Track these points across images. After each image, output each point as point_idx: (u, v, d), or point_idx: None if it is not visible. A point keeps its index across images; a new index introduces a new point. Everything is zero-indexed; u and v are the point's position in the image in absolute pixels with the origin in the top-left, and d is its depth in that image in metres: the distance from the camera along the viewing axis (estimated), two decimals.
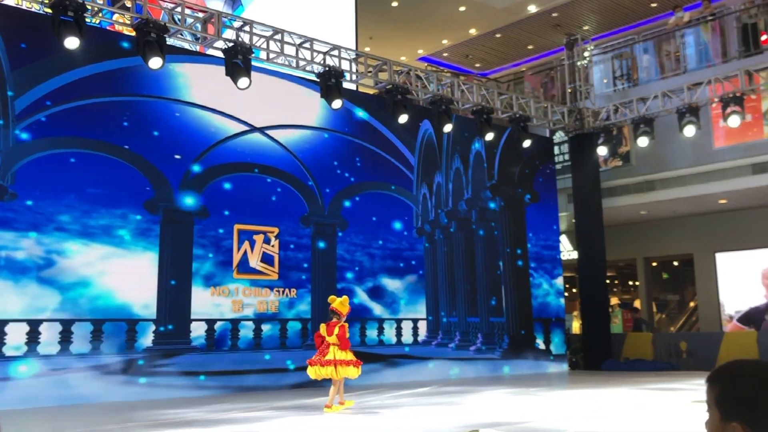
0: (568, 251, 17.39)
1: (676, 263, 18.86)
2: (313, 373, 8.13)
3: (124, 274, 9.88)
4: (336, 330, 8.07)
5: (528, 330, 14.34)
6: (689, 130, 13.18)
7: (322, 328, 8.24)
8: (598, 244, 15.00)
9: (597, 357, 14.30)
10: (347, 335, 8.21)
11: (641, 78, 16.44)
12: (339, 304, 8.34)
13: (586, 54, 16.19)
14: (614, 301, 18.87)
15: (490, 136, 13.43)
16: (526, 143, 14.06)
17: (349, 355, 8.20)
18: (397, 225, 12.97)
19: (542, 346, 14.46)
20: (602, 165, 15.52)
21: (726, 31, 15.67)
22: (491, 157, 14.56)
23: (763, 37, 14.92)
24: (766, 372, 1.64)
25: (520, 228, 14.73)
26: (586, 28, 18.58)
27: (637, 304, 17.92)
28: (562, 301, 15.13)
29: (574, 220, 15.53)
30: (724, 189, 14.32)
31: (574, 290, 16.76)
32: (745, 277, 16.04)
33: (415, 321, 12.87)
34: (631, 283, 19.53)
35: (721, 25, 15.69)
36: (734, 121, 12.69)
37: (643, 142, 13.85)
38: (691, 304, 18.04)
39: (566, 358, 14.81)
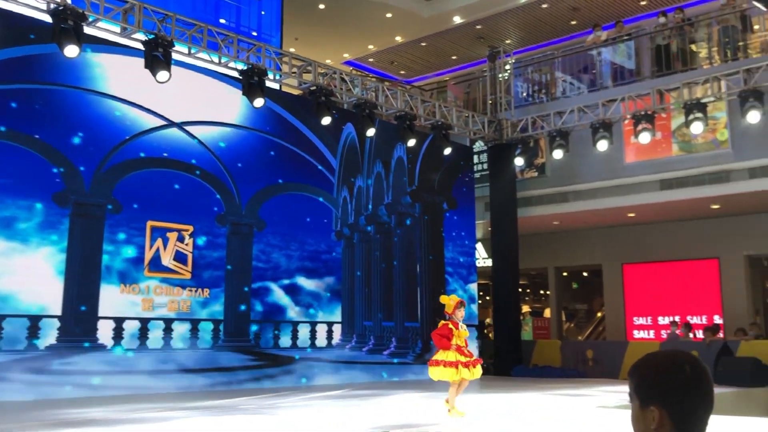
0: (483, 258, 17.73)
1: (585, 273, 19.50)
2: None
3: (27, 267, 9.50)
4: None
5: None
6: (602, 145, 13.61)
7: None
8: (512, 252, 15.35)
9: (508, 363, 14.61)
10: (448, 335, 7.92)
11: (558, 92, 16.93)
12: (447, 302, 8.28)
13: (507, 67, 16.56)
14: (525, 309, 19.35)
15: (412, 143, 13.56)
16: (447, 151, 14.26)
17: (446, 356, 7.91)
18: (316, 227, 12.92)
19: None
20: (519, 175, 15.88)
21: (640, 51, 16.31)
22: (412, 163, 14.71)
23: (675, 60, 15.59)
24: (674, 359, 1.80)
25: (438, 234, 14.93)
26: (508, 41, 19.00)
27: (546, 313, 18.41)
28: (475, 307, 15.40)
29: (490, 228, 15.84)
30: (633, 203, 14.87)
31: (488, 297, 17.07)
32: (650, 289, 16.72)
33: (330, 324, 12.85)
34: (542, 291, 20.05)
35: (636, 45, 16.32)
36: (645, 137, 13.17)
37: (558, 154, 14.24)
38: (599, 314, 18.67)
39: None
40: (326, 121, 12.03)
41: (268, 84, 11.82)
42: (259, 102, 11.17)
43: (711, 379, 1.80)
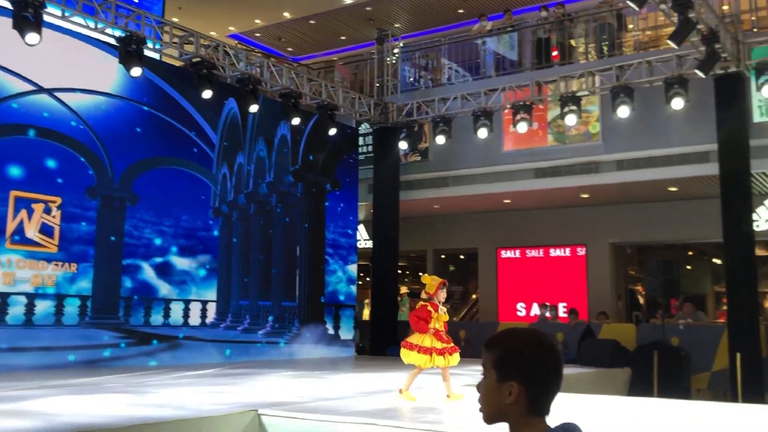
0: (364, 240, 17.87)
1: (462, 256, 20.03)
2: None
3: None
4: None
5: (319, 315, 14.57)
6: (482, 133, 13.93)
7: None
8: (392, 234, 15.55)
9: (383, 343, 14.83)
10: (426, 318, 7.46)
11: (444, 79, 17.22)
12: (428, 282, 7.78)
13: (395, 51, 16.67)
14: (404, 290, 19.67)
15: (296, 121, 13.43)
16: (332, 131, 14.22)
17: (422, 340, 7.50)
18: (193, 204, 12.60)
19: (331, 331, 14.77)
20: (402, 159, 16.07)
21: (523, 43, 16.80)
22: (296, 143, 14.58)
23: (554, 53, 16.16)
24: (536, 336, 1.88)
25: (320, 215, 14.91)
26: (397, 25, 19.12)
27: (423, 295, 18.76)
28: (354, 288, 15.54)
29: (372, 210, 15.98)
30: (509, 189, 15.36)
31: (368, 278, 17.24)
32: (523, 273, 17.39)
33: (204, 303, 12.60)
34: (421, 273, 20.41)
35: (519, 37, 16.79)
36: (522, 127, 13.57)
37: (440, 140, 14.48)
38: (474, 295, 19.24)
39: (354, 343, 15.26)
40: (207, 94, 11.73)
41: (148, 53, 11.39)
42: (136, 71, 10.76)
43: (563, 360, 1.90)
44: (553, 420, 1.85)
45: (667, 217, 15.56)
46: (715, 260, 16.67)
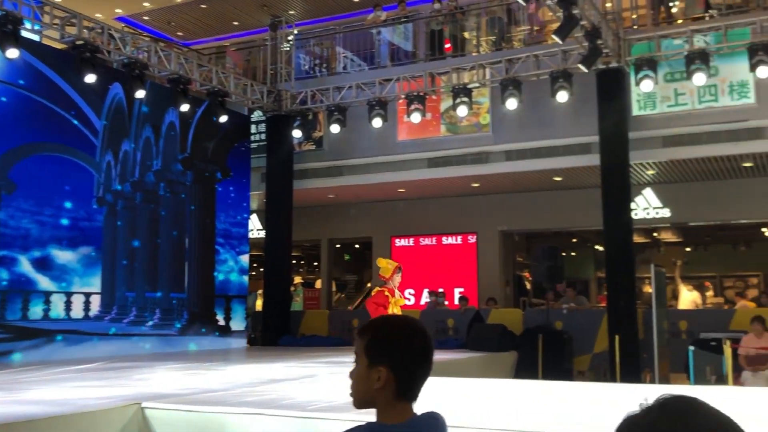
0: (257, 230, 17.66)
1: (357, 246, 20.12)
2: None
3: None
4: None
5: (209, 306, 14.29)
6: (377, 122, 14.01)
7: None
8: (286, 224, 15.42)
9: (275, 333, 14.72)
10: (384, 303, 7.15)
11: (340, 68, 17.17)
12: (384, 266, 7.39)
13: (289, 38, 16.48)
14: (297, 280, 19.60)
15: (185, 108, 13.11)
16: (223, 118, 13.95)
17: None
18: (75, 193, 12.06)
19: (222, 322, 14.52)
20: (296, 147, 15.94)
21: (417, 34, 16.96)
22: (185, 130, 14.19)
23: (447, 45, 16.40)
24: (407, 322, 1.92)
25: (210, 204, 14.59)
26: (291, 12, 18.90)
27: (318, 284, 18.78)
28: (246, 278, 15.32)
29: (265, 200, 15.78)
30: (403, 179, 15.52)
31: (261, 269, 17.05)
32: (416, 261, 17.60)
33: (87, 295, 12.10)
34: (316, 263, 20.39)
35: (414, 28, 16.94)
36: (416, 117, 13.74)
37: (335, 129, 14.47)
38: (368, 284, 19.36)
39: (245, 334, 15.06)
40: (90, 79, 11.28)
41: (27, 35, 10.82)
42: (12, 53, 10.22)
43: (433, 348, 1.91)
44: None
45: (552, 206, 16.12)
46: (597, 247, 17.40)
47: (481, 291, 16.47)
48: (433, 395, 7.35)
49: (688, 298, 15.45)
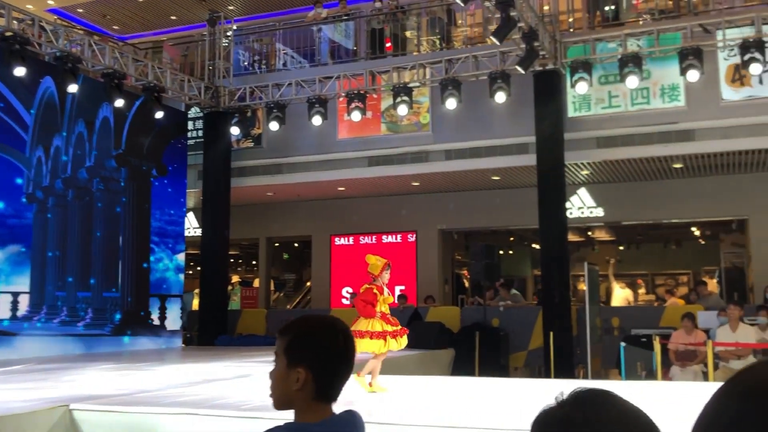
0: (194, 228, 17.38)
1: (296, 244, 20.00)
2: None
3: None
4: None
5: (143, 306, 13.99)
6: (317, 120, 13.93)
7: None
8: (223, 222, 15.21)
9: (212, 333, 14.52)
10: (373, 301, 6.93)
11: (280, 65, 17.03)
12: (373, 263, 7.19)
13: (228, 33, 16.26)
14: (235, 279, 19.37)
15: (119, 103, 12.82)
16: (159, 115, 13.69)
17: (371, 325, 6.93)
18: (3, 189, 11.64)
19: (157, 322, 14.24)
20: (234, 145, 15.75)
21: (358, 32, 16.95)
22: (120, 125, 13.86)
23: (388, 44, 16.43)
24: (327, 322, 1.91)
25: (145, 201, 14.29)
26: (230, 7, 18.67)
27: (256, 283, 18.60)
28: (182, 277, 15.07)
29: (202, 198, 15.55)
30: (343, 177, 15.48)
31: (198, 268, 16.80)
32: (356, 259, 17.58)
33: (15, 294, 11.70)
34: (254, 262, 20.20)
35: (356, 26, 16.92)
36: (356, 116, 13.72)
37: (274, 126, 14.34)
38: (308, 283, 19.28)
39: (181, 334, 14.82)
40: (19, 72, 10.95)
41: None
42: None
43: (355, 347, 1.91)
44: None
45: (491, 205, 16.31)
46: (534, 245, 17.68)
47: (420, 289, 16.57)
48: (374, 393, 7.34)
49: (620, 295, 15.85)
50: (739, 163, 13.98)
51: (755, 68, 11.31)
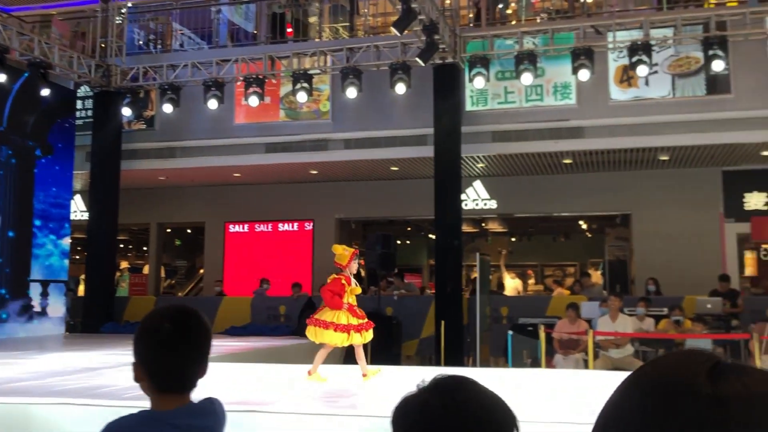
0: (81, 211, 16.67)
1: (189, 230, 19.53)
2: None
3: None
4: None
5: (24, 291, 13.31)
6: (213, 104, 13.60)
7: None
8: (112, 206, 14.62)
9: (97, 320, 13.99)
10: (341, 292, 6.71)
11: (176, 45, 16.53)
12: (340, 253, 6.92)
13: (122, 10, 15.63)
14: (124, 264, 18.76)
15: (1, 78, 12.12)
16: (45, 92, 13.04)
17: (336, 317, 6.71)
18: None
19: (38, 309, 13.59)
20: (125, 126, 15.18)
21: (259, 15, 16.65)
22: (1, 102, 13.10)
23: (289, 29, 16.22)
24: (154, 315, 1.89)
25: (28, 182, 13.58)
26: None
27: (146, 269, 18.05)
28: (67, 262, 14.43)
29: (89, 180, 14.92)
30: (240, 163, 15.21)
31: (86, 252, 16.13)
32: (250, 247, 17.35)
33: None
34: (145, 248, 19.61)
35: (257, 9, 16.60)
36: (254, 101, 13.47)
37: (168, 108, 13.91)
38: (201, 271, 18.87)
39: (64, 321, 14.20)
40: None
41: None
42: None
43: (201, 332, 1.85)
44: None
45: (389, 195, 16.42)
46: (431, 236, 17.91)
47: (316, 278, 16.49)
48: (261, 381, 7.28)
49: (511, 285, 16.31)
50: (625, 160, 14.61)
51: (642, 70, 11.80)
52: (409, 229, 19.59)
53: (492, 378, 7.30)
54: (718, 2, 14.12)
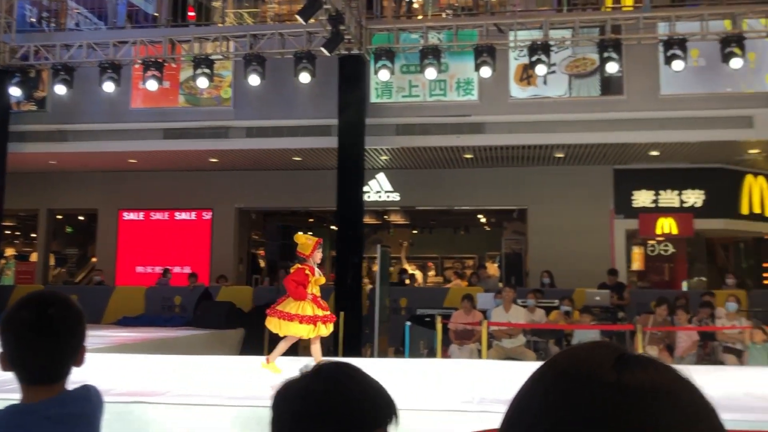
0: None
1: (81, 218, 18.76)
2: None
3: None
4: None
5: None
6: (108, 86, 13.11)
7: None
8: None
9: None
10: (305, 282, 6.44)
11: (72, 24, 15.83)
12: (303, 242, 6.60)
13: None
14: (10, 252, 17.85)
15: None
16: None
17: (301, 308, 6.39)
18: None
19: None
20: (14, 107, 14.41)
21: None
22: None
23: (191, 13, 15.80)
24: (17, 305, 1.76)
25: None
26: None
27: (33, 257, 17.25)
28: None
29: None
30: (135, 149, 14.72)
31: None
32: (147, 236, 16.83)
33: None
34: (33, 235, 18.71)
35: None
36: (152, 85, 13.06)
37: (61, 90, 13.30)
38: (93, 259, 18.16)
39: None
40: None
41: None
42: None
43: (69, 320, 1.75)
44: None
45: (291, 185, 16.24)
46: (333, 227, 17.87)
47: (213, 268, 16.17)
48: (153, 372, 7.06)
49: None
50: (523, 156, 14.99)
51: (541, 69, 12.12)
52: (311, 220, 19.48)
53: (386, 368, 7.35)
54: (615, 6, 14.64)
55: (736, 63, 11.48)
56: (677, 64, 11.54)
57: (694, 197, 15.18)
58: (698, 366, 9.60)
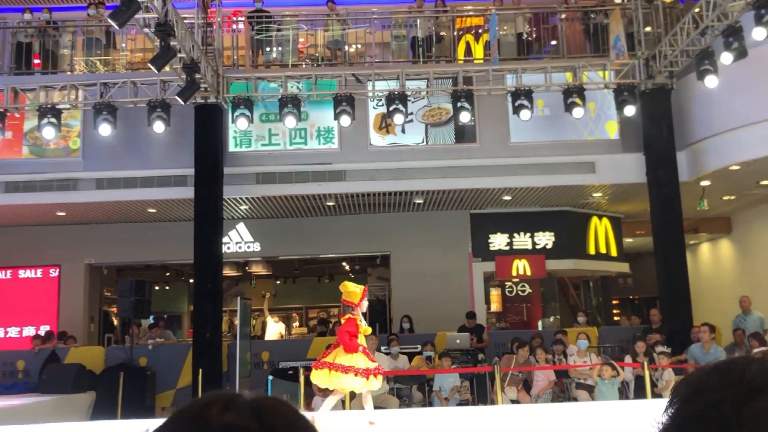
0: None
1: None
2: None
3: None
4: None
5: None
6: None
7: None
8: None
9: None
10: (356, 333, 6.03)
11: None
12: (351, 290, 6.20)
13: None
14: None
15: None
16: None
17: (354, 360, 5.85)
18: None
19: None
20: None
21: (2, 44, 15.31)
22: None
23: (36, 60, 15.04)
24: None
25: None
26: None
27: None
28: None
29: None
30: None
31: None
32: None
33: None
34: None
35: (0, 37, 15.26)
36: None
37: None
38: None
39: None
40: None
41: None
42: None
43: None
44: None
45: (146, 238, 15.61)
46: (192, 280, 17.31)
47: (62, 328, 15.15)
48: None
49: (274, 329, 16.13)
50: (384, 203, 15.19)
51: (398, 118, 12.40)
52: (168, 274, 18.76)
53: None
54: (467, 59, 15.27)
55: (578, 112, 12.21)
56: (524, 114, 12.13)
57: (545, 239, 15.89)
58: (553, 403, 9.92)
